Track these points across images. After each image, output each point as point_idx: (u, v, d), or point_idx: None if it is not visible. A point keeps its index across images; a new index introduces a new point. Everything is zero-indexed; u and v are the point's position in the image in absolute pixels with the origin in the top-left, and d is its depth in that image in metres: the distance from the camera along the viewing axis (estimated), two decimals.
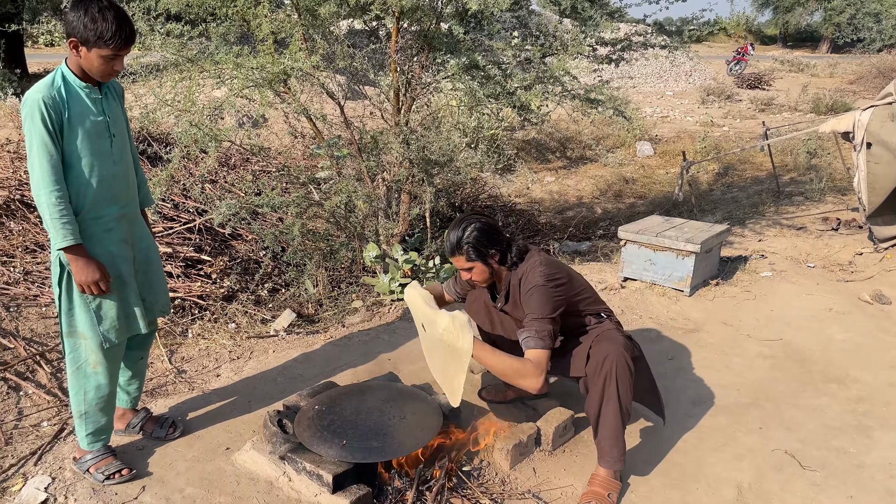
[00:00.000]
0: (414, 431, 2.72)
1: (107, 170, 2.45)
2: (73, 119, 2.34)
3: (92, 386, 2.55)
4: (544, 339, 2.56)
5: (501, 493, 2.77)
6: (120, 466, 2.62)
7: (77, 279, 2.39)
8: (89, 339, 2.50)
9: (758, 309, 4.68)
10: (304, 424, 2.76)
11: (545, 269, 2.68)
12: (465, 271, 2.77)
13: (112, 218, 2.50)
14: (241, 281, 4.62)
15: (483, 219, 2.75)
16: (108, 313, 2.52)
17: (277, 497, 2.58)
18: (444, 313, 2.57)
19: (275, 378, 3.50)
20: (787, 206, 7.45)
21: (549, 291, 2.64)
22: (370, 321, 4.25)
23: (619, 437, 2.72)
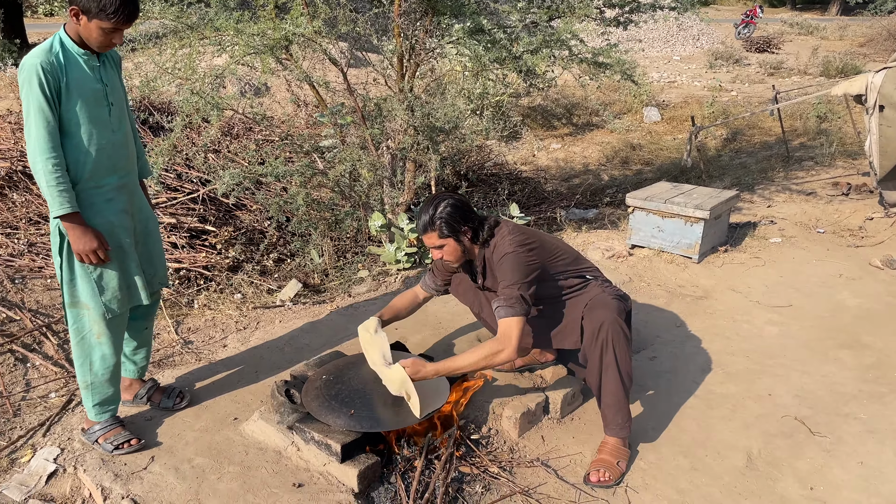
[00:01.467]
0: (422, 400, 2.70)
1: (105, 138, 2.41)
2: (72, 85, 2.29)
3: (97, 356, 2.54)
4: (514, 307, 2.55)
5: (510, 461, 2.77)
6: (128, 436, 2.62)
7: (75, 248, 2.36)
8: (92, 310, 2.48)
9: (767, 275, 4.64)
10: (311, 394, 2.75)
11: (514, 236, 2.64)
12: (436, 249, 2.73)
13: (112, 187, 2.47)
14: (246, 251, 4.59)
15: (456, 196, 2.73)
16: (109, 283, 2.49)
17: (286, 467, 2.58)
18: (390, 374, 2.67)
19: (282, 348, 3.49)
20: (796, 171, 7.35)
21: (519, 257, 2.61)
22: (376, 291, 4.23)
23: (621, 403, 2.72)
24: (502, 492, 2.61)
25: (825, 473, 2.73)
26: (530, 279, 2.63)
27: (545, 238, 2.83)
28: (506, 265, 2.62)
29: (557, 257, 2.80)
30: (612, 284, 2.90)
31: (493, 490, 2.62)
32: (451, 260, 2.77)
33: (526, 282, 2.60)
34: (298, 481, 2.49)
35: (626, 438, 2.77)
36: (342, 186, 4.55)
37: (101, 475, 2.50)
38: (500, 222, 2.75)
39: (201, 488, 2.45)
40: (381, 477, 2.58)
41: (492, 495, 2.59)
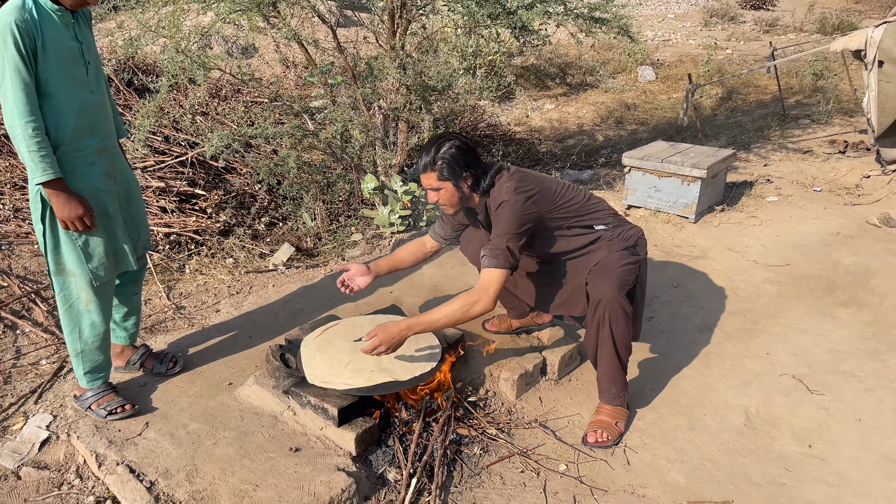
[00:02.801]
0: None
1: (85, 99, 2.32)
2: (48, 44, 2.17)
3: (86, 324, 2.49)
4: (498, 258, 2.46)
5: (508, 422, 2.75)
6: (122, 402, 2.58)
7: (59, 215, 2.28)
8: (78, 277, 2.41)
9: (764, 234, 4.61)
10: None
11: (513, 183, 2.50)
12: (433, 192, 2.58)
13: (94, 150, 2.37)
14: (237, 215, 4.52)
15: (462, 138, 2.58)
16: (95, 250, 2.42)
17: (282, 431, 2.55)
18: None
19: (276, 312, 3.44)
20: (792, 130, 7.28)
21: (515, 206, 2.47)
22: (370, 254, 4.17)
23: (616, 375, 2.68)
24: (500, 453, 2.60)
25: (823, 431, 2.73)
26: (522, 230, 2.51)
27: (549, 184, 2.65)
28: (500, 213, 2.50)
29: (562, 206, 2.62)
30: (625, 228, 2.73)
31: (492, 451, 2.60)
32: (447, 205, 2.63)
33: (517, 233, 2.49)
34: (295, 445, 2.47)
35: (625, 401, 2.76)
36: (333, 148, 4.46)
37: (95, 441, 2.47)
38: (504, 170, 2.60)
39: (197, 454, 2.42)
40: (379, 440, 2.56)
41: (490, 457, 2.58)
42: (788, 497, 2.39)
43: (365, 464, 2.47)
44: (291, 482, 2.30)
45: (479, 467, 2.53)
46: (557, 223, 2.64)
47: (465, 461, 2.55)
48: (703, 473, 2.51)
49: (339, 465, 2.39)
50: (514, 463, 2.56)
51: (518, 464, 2.55)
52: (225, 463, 2.38)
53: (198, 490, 2.27)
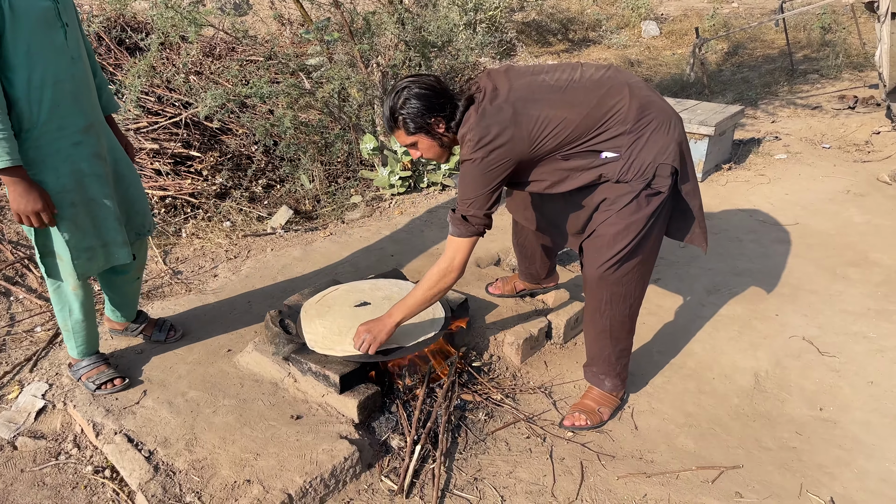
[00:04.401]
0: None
1: (64, 69, 2.04)
2: (16, 5, 1.88)
3: (76, 306, 2.38)
4: (458, 226, 2.24)
5: (513, 387, 2.70)
6: (112, 375, 2.51)
7: (14, 207, 2.02)
8: (66, 261, 2.25)
9: (772, 193, 4.51)
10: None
11: (476, 132, 2.08)
12: (411, 148, 2.29)
13: (79, 129, 2.13)
14: (233, 177, 4.42)
15: (419, 82, 2.16)
16: (80, 244, 2.24)
17: (283, 398, 2.50)
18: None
19: (274, 277, 3.37)
20: (801, 85, 7.12)
21: (476, 167, 2.11)
22: (370, 216, 4.08)
23: (605, 361, 2.49)
24: (505, 419, 2.55)
25: (834, 394, 2.68)
26: (488, 189, 2.16)
27: (532, 111, 2.10)
28: (462, 173, 2.18)
29: (549, 137, 2.11)
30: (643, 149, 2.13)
31: (497, 417, 2.56)
32: (432, 157, 2.32)
33: (481, 194, 2.17)
34: (297, 413, 2.42)
35: (612, 394, 2.55)
36: (331, 107, 4.33)
37: (92, 411, 2.42)
38: (471, 105, 2.15)
39: (196, 422, 2.37)
40: (382, 407, 2.51)
41: (495, 423, 2.53)
42: (799, 461, 2.35)
43: (368, 431, 2.42)
44: (293, 450, 2.25)
45: (483, 433, 2.48)
46: (548, 157, 2.18)
47: (469, 427, 2.50)
48: (713, 438, 2.46)
49: (342, 433, 2.34)
50: (519, 429, 2.51)
51: (524, 430, 2.51)
52: (225, 431, 2.33)
53: (197, 459, 2.22)
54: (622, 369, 2.53)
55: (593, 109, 2.12)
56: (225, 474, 2.15)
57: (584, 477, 2.29)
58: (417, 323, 2.61)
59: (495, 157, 2.10)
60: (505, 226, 3.88)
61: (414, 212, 4.09)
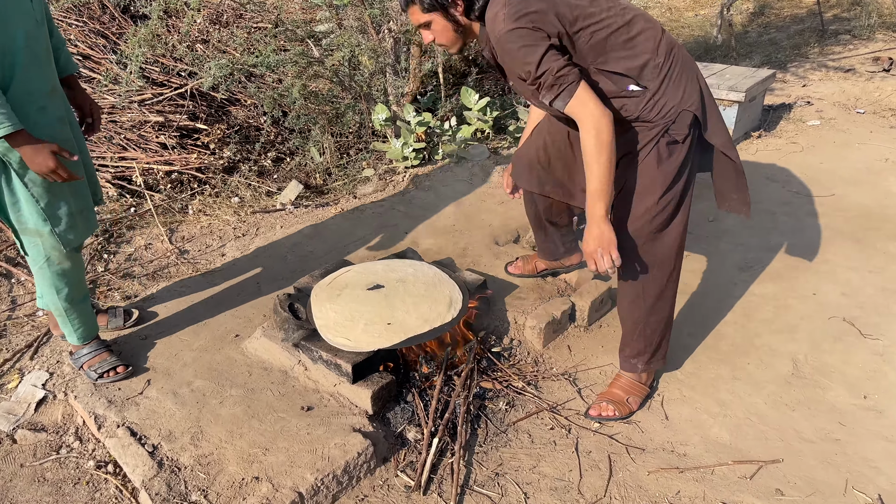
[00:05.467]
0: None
1: (30, 32, 1.94)
2: None
3: (63, 283, 2.25)
4: (558, 92, 1.87)
5: (535, 374, 2.56)
6: (115, 363, 2.40)
7: (33, 170, 1.96)
8: (46, 234, 2.13)
9: (806, 162, 4.28)
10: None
11: (510, 7, 1.85)
12: (424, 29, 2.06)
13: (44, 93, 2.01)
14: (241, 150, 4.26)
15: None
16: (61, 211, 2.11)
17: (293, 388, 2.37)
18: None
19: (284, 256, 3.23)
20: (832, 47, 6.79)
21: (522, 34, 1.84)
22: (383, 191, 3.92)
23: (639, 341, 2.34)
24: (528, 408, 2.41)
25: (879, 380, 2.51)
26: (547, 45, 1.84)
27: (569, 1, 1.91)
28: (508, 48, 1.87)
29: (586, 25, 1.91)
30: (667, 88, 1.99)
31: (518, 406, 2.42)
32: (445, 43, 2.08)
33: (545, 53, 1.84)
34: (307, 404, 2.29)
35: (643, 383, 2.42)
36: (341, 76, 4.14)
37: (94, 402, 2.31)
38: None
39: (202, 414, 2.26)
40: (397, 396, 2.38)
41: (516, 412, 2.39)
42: (843, 455, 2.19)
43: (382, 422, 2.30)
44: (304, 445, 2.13)
45: (505, 424, 2.35)
46: (584, 55, 1.94)
47: (489, 418, 2.36)
48: (749, 429, 2.31)
49: (355, 426, 2.21)
50: (542, 419, 2.37)
51: (547, 420, 2.37)
52: (232, 424, 2.21)
53: (203, 454, 2.11)
54: (659, 346, 2.35)
55: (626, 24, 1.96)
56: (232, 471, 2.04)
57: (612, 472, 2.15)
58: (434, 306, 2.46)
59: (538, 20, 1.84)
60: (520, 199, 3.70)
61: (429, 185, 3.92)
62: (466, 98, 4.23)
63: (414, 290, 2.55)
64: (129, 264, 3.20)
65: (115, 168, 3.86)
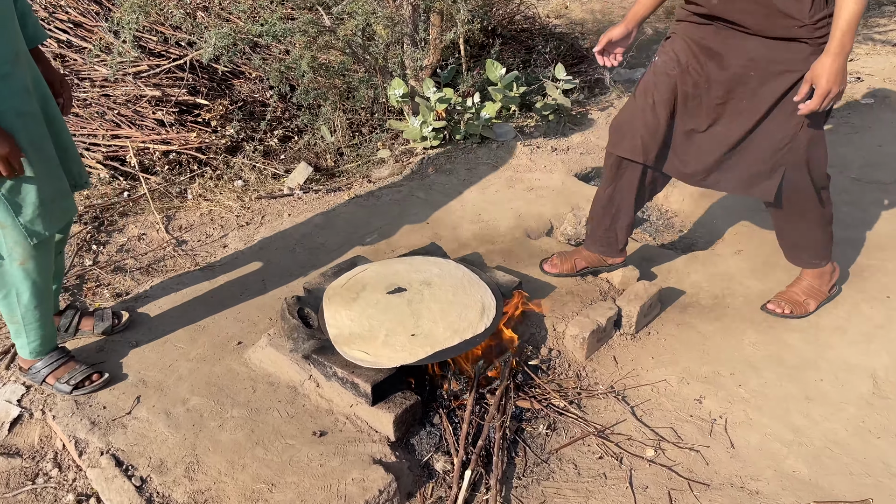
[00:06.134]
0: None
1: None
2: None
3: (25, 286, 1.93)
4: None
5: (577, 390, 2.25)
6: (87, 371, 2.09)
7: None
8: (9, 228, 1.82)
9: (863, 143, 3.91)
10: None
11: None
12: None
13: (7, 60, 1.71)
14: (245, 128, 3.92)
15: None
16: (27, 198, 1.81)
17: (304, 408, 2.07)
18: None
19: (292, 249, 2.91)
20: (876, 18, 6.35)
21: None
22: (400, 174, 3.58)
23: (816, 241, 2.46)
24: (571, 432, 2.10)
25: None
26: None
27: None
28: None
29: None
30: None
31: (560, 430, 2.11)
32: None
33: None
34: (320, 428, 1.99)
35: (822, 283, 2.53)
36: (354, 47, 3.78)
37: (75, 423, 2.01)
38: None
39: (199, 440, 1.96)
40: (422, 418, 2.07)
41: (559, 437, 2.09)
42: None
43: (406, 450, 1.99)
44: (316, 479, 1.83)
45: (546, 452, 2.04)
46: None
47: (528, 444, 2.06)
48: (830, 461, 2.00)
49: (375, 455, 1.91)
50: (589, 446, 2.06)
51: (595, 447, 2.06)
52: (233, 453, 1.91)
53: (199, 490, 1.81)
54: (829, 252, 2.50)
55: None
56: None
57: None
58: (464, 314, 2.14)
59: None
60: (555, 185, 3.37)
61: (450, 169, 3.58)
62: (491, 72, 3.86)
63: (441, 294, 2.23)
64: (120, 256, 2.89)
65: (107, 147, 3.53)
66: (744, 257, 2.91)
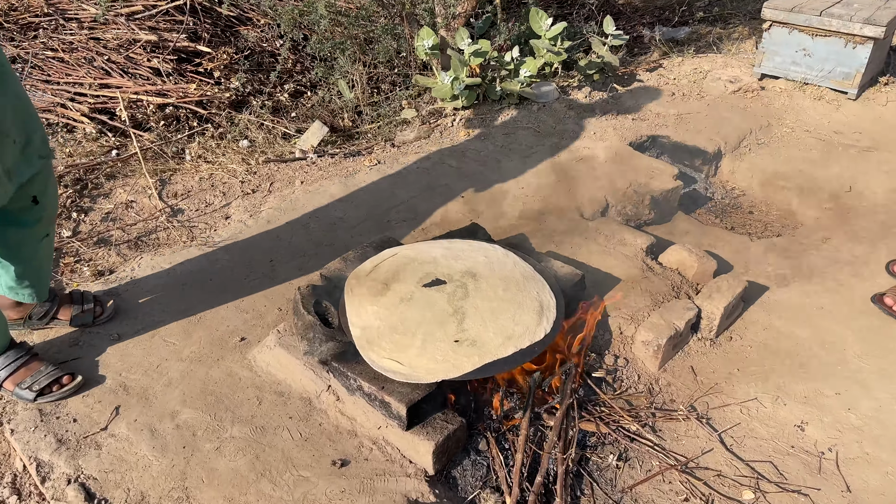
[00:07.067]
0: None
1: None
2: None
3: None
4: None
5: (650, 410, 1.85)
6: (54, 373, 1.71)
7: None
8: None
9: None
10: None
11: None
12: None
13: None
14: (253, 81, 3.47)
15: None
16: None
17: (320, 428, 1.68)
18: None
19: (306, 224, 2.49)
20: None
21: None
22: (427, 138, 3.14)
23: None
24: (648, 465, 1.71)
25: None
26: None
27: None
28: None
29: None
30: None
31: (634, 461, 1.72)
32: None
33: None
34: (341, 457, 1.60)
35: None
36: None
37: (38, 440, 1.62)
38: None
39: (190, 467, 1.57)
40: (466, 445, 1.68)
41: (632, 471, 1.70)
42: None
43: (447, 485, 1.61)
44: None
45: (618, 490, 1.65)
46: None
47: (595, 478, 1.67)
48: None
49: (411, 495, 1.52)
50: (670, 483, 1.67)
51: (677, 484, 1.67)
52: (232, 486, 1.53)
53: None
54: None
55: None
56: None
57: None
58: (519, 315, 1.74)
59: None
60: (608, 155, 2.92)
61: (485, 133, 3.14)
62: (536, 22, 3.38)
63: (489, 289, 1.82)
64: (105, 226, 2.48)
65: (94, 98, 3.09)
66: (833, 247, 2.48)
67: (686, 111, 3.38)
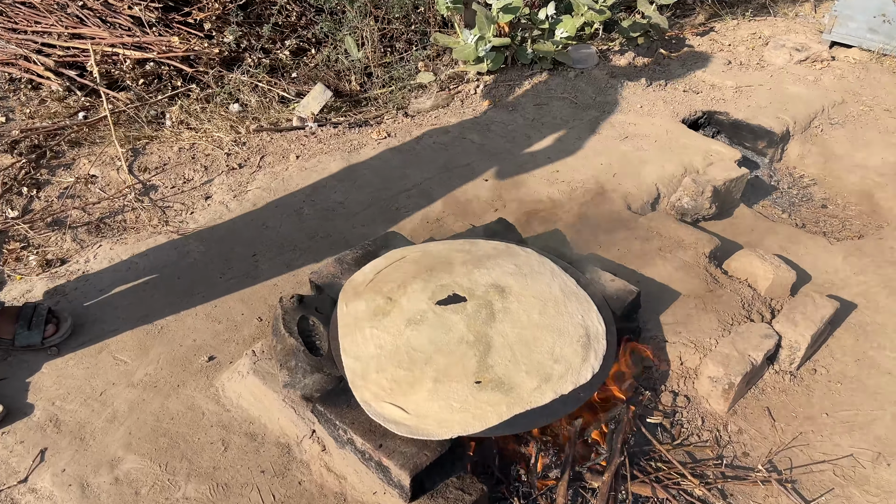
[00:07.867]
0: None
1: None
2: None
3: None
4: None
5: (719, 469, 1.45)
6: None
7: None
8: None
9: None
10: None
11: None
12: None
13: None
14: (247, 35, 3.03)
15: None
16: None
17: (300, 488, 1.30)
18: None
19: (298, 209, 2.09)
20: None
21: None
22: (447, 107, 2.72)
23: None
24: None
25: None
26: None
27: None
28: None
29: None
30: None
31: None
32: None
33: None
34: None
35: None
36: None
37: None
38: None
39: None
40: None
41: None
42: None
43: None
44: None
45: None
46: None
47: None
48: None
49: None
50: None
51: None
52: None
53: None
54: None
55: None
56: None
57: None
58: (559, 346, 1.34)
59: None
60: (657, 133, 2.49)
61: (514, 103, 2.71)
62: None
63: (521, 310, 1.42)
64: (62, 204, 2.09)
65: (64, 50, 2.68)
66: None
67: (746, 83, 2.92)
